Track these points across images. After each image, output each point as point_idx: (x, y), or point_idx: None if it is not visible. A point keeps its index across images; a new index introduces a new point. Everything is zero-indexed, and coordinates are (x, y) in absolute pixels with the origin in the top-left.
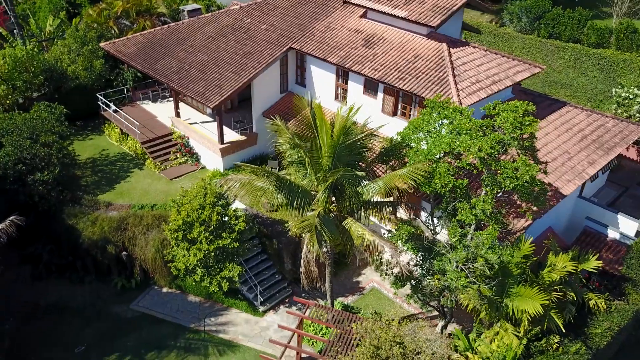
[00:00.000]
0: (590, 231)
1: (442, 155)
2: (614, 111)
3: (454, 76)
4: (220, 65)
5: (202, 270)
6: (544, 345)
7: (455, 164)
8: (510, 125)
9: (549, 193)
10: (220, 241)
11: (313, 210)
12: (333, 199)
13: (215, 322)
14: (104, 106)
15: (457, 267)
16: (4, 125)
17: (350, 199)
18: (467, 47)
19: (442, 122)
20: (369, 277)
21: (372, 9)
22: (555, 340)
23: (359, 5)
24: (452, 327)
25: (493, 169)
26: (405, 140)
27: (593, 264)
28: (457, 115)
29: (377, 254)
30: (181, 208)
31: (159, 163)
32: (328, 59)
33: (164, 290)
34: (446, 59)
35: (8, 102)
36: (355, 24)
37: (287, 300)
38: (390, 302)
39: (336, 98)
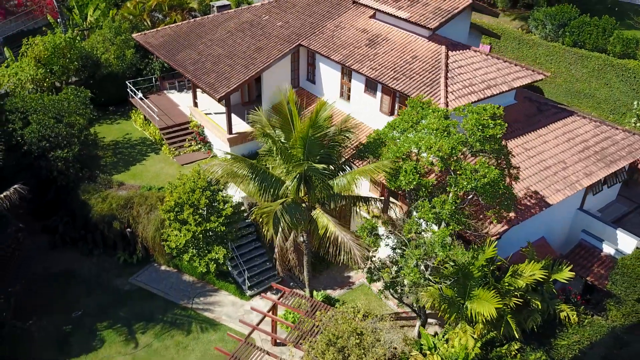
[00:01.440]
0: (585, 245)
1: (415, 152)
2: (633, 124)
3: (447, 78)
4: (233, 58)
5: (193, 250)
6: (503, 351)
7: (421, 163)
8: (472, 127)
9: (533, 201)
10: (208, 224)
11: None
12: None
13: (204, 301)
14: (132, 93)
15: (416, 264)
16: (32, 104)
17: (321, 191)
18: (467, 50)
19: (418, 122)
20: (360, 273)
21: (378, 10)
22: (516, 347)
23: (366, 6)
24: (436, 328)
25: (452, 169)
26: (381, 137)
27: (565, 275)
28: (430, 115)
29: (343, 248)
30: (175, 190)
31: (173, 149)
32: (331, 57)
33: (162, 268)
34: (442, 62)
35: (45, 84)
36: (364, 24)
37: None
38: (377, 299)
39: (341, 96)
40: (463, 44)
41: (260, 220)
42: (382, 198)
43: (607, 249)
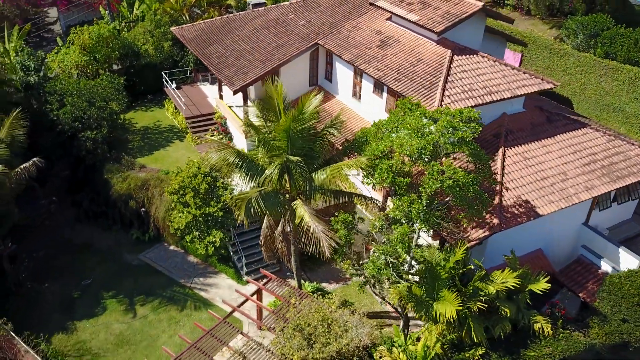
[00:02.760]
0: (583, 261)
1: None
2: None
3: (446, 82)
4: (254, 54)
5: (195, 233)
6: (467, 355)
7: (394, 162)
8: (441, 128)
9: (522, 210)
10: (207, 208)
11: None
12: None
13: (202, 282)
14: (166, 83)
15: (385, 259)
16: (69, 88)
17: (305, 184)
18: (474, 55)
19: (401, 122)
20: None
21: (391, 12)
22: (480, 353)
23: (381, 8)
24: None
25: (420, 169)
26: (366, 135)
27: (541, 285)
28: (407, 115)
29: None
30: (180, 174)
31: (196, 138)
32: (343, 56)
33: (171, 247)
34: (445, 65)
35: (88, 71)
36: (379, 26)
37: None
38: (369, 297)
39: (353, 95)
40: (471, 49)
41: (234, 205)
42: (369, 196)
43: (605, 267)
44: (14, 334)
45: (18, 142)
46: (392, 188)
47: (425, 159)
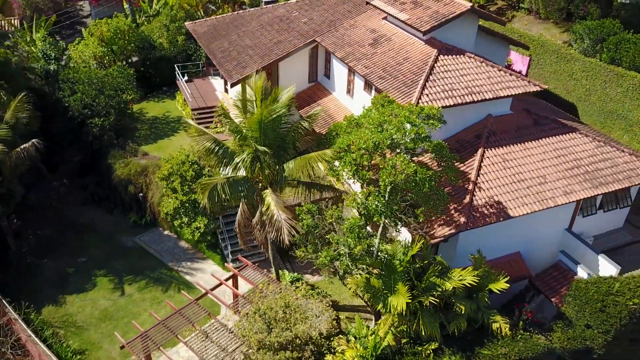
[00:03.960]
0: (561, 266)
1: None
2: None
3: (427, 81)
4: (255, 49)
5: (184, 218)
6: (419, 349)
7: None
8: (398, 124)
9: (492, 210)
10: (194, 195)
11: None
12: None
13: (189, 266)
14: (178, 76)
15: (347, 251)
16: (81, 76)
17: (277, 174)
18: (461, 56)
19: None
20: None
21: (383, 11)
22: (432, 347)
23: (375, 7)
24: None
25: (373, 163)
26: (337, 129)
27: (499, 285)
28: (374, 111)
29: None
30: (170, 160)
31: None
32: (336, 53)
33: (165, 232)
34: (429, 64)
35: (105, 62)
36: (375, 25)
37: (256, 264)
38: (348, 291)
39: (347, 92)
40: (459, 49)
41: (199, 190)
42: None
43: (582, 273)
44: (6, 303)
45: (22, 124)
46: (356, 181)
47: (382, 153)
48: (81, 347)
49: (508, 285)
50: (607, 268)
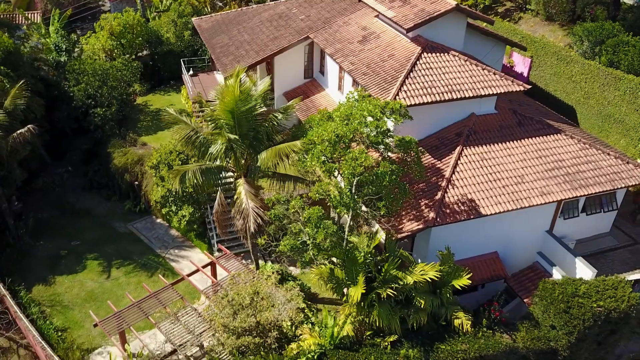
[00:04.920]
0: (537, 267)
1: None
2: None
3: (406, 77)
4: (252, 45)
5: (172, 206)
6: (378, 341)
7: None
8: (359, 117)
9: (463, 208)
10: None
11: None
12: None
13: (176, 253)
14: (184, 70)
15: (311, 240)
16: (85, 67)
17: (252, 163)
18: (445, 54)
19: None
20: None
21: (373, 9)
22: (391, 340)
23: (366, 4)
24: None
25: (336, 156)
26: (310, 122)
27: (462, 282)
28: (343, 105)
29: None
30: (158, 150)
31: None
32: (326, 50)
33: (158, 220)
34: (411, 61)
35: (114, 55)
36: (367, 22)
37: (242, 255)
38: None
39: (339, 88)
40: (444, 48)
41: (171, 176)
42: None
43: (557, 275)
44: None
45: (19, 110)
46: (324, 173)
47: (347, 146)
48: (64, 325)
49: (469, 282)
50: (583, 271)
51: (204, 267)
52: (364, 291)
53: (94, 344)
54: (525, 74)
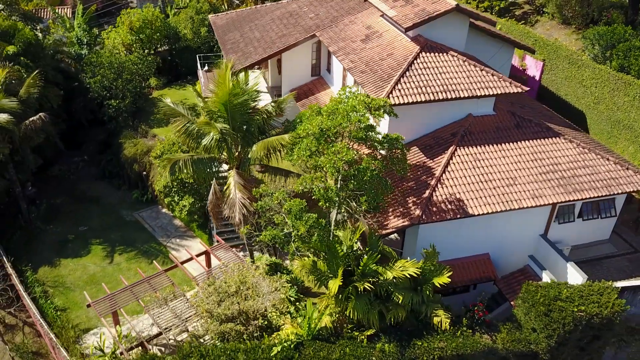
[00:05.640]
0: (528, 270)
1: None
2: None
3: (402, 76)
4: (261, 42)
5: (175, 197)
6: (355, 334)
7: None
8: (342, 112)
9: (450, 207)
10: (182, 175)
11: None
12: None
13: (178, 242)
14: (198, 65)
15: (295, 232)
16: (102, 60)
17: (244, 155)
18: (444, 54)
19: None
20: None
21: (377, 8)
22: (368, 333)
23: (371, 4)
24: None
25: (321, 149)
26: (301, 117)
27: (441, 280)
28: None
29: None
30: (164, 141)
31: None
32: (329, 48)
33: (163, 210)
34: (408, 60)
35: (133, 49)
36: (372, 21)
37: (240, 247)
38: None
39: (342, 86)
40: (443, 48)
41: (163, 164)
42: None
43: (546, 279)
44: (6, 260)
45: (32, 98)
46: (310, 167)
47: (330, 140)
48: (64, 306)
49: (449, 279)
50: (574, 277)
51: (198, 255)
52: (341, 283)
53: (90, 324)
54: (537, 78)
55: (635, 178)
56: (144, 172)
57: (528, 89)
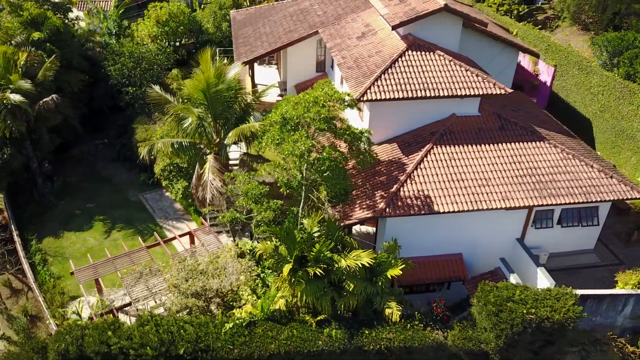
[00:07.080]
0: (497, 272)
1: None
2: None
3: (383, 73)
4: (269, 37)
5: (171, 180)
6: (307, 318)
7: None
8: (304, 103)
9: (416, 202)
10: (176, 159)
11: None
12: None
13: (173, 225)
14: (217, 59)
15: (258, 216)
16: (123, 49)
17: (221, 140)
18: (430, 53)
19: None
20: None
21: (373, 6)
22: (319, 318)
23: (369, 1)
24: None
25: (281, 137)
26: (276, 107)
27: (394, 272)
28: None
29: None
30: (164, 127)
31: None
32: (327, 44)
33: (167, 194)
34: (392, 58)
35: (158, 41)
36: (371, 20)
37: (228, 232)
38: None
39: (341, 82)
40: (431, 47)
41: (142, 146)
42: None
43: (513, 281)
44: (13, 228)
45: (48, 80)
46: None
47: (288, 130)
48: (59, 274)
49: (400, 272)
50: (543, 282)
51: (181, 236)
52: (292, 266)
53: (78, 293)
54: (548, 83)
55: (618, 187)
56: (152, 156)
57: (512, 90)
